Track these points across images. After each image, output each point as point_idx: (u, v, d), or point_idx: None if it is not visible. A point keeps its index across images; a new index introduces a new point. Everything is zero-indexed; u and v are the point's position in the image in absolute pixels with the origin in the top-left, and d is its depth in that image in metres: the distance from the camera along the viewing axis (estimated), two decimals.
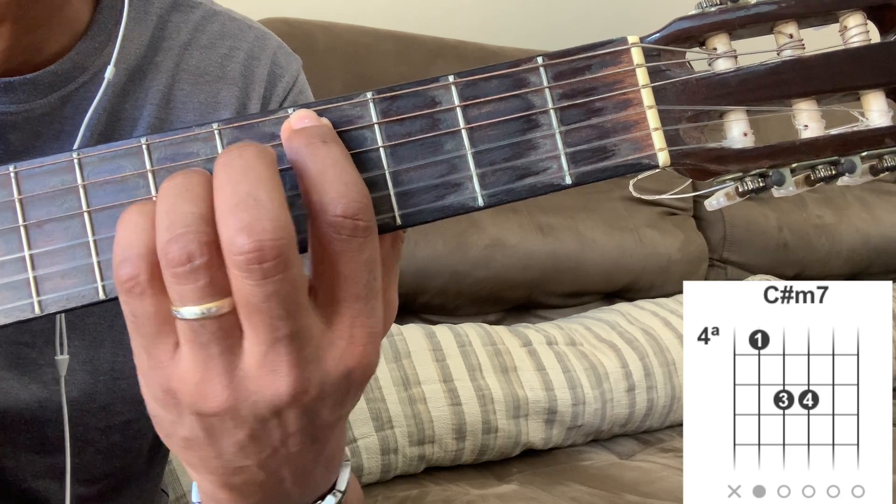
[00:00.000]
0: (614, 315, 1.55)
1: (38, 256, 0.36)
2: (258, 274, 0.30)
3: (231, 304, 0.31)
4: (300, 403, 0.33)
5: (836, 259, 1.93)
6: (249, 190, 0.30)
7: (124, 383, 0.55)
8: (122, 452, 0.58)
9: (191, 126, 0.36)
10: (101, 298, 0.36)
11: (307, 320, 0.32)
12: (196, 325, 0.31)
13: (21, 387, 0.51)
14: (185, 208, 0.31)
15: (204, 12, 0.59)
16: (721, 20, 0.36)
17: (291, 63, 0.62)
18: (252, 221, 0.30)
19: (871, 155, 0.36)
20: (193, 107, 0.56)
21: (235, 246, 0.30)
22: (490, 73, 0.36)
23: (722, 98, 0.35)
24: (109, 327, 0.54)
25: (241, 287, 0.30)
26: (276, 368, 0.32)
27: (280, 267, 0.30)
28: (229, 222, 0.30)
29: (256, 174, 0.31)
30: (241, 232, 0.30)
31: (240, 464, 0.35)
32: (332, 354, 0.33)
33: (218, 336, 0.31)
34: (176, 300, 0.31)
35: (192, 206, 0.31)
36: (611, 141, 0.35)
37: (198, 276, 0.30)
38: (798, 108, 0.36)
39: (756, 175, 0.36)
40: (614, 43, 0.36)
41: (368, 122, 0.36)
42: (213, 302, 0.31)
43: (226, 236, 0.30)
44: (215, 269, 0.30)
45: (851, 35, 0.36)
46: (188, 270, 0.30)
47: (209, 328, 0.31)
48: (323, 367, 0.33)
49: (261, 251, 0.29)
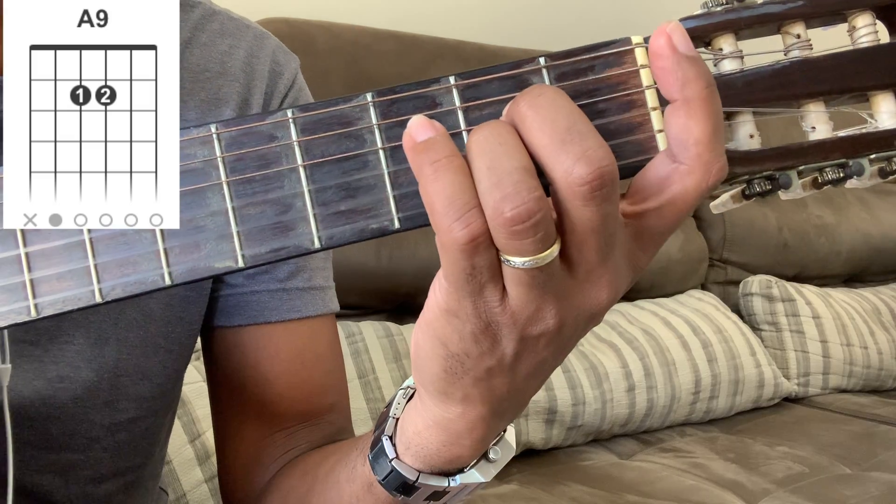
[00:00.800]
0: (614, 315, 1.54)
1: (34, 258, 0.35)
2: (599, 198, 0.31)
3: (559, 244, 0.32)
4: (609, 308, 0.35)
5: (836, 259, 1.93)
6: (569, 124, 0.31)
7: (127, 380, 0.55)
8: (131, 451, 0.58)
9: (189, 128, 0.36)
10: (97, 301, 0.35)
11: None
12: (533, 272, 0.32)
13: (24, 383, 0.51)
14: (507, 164, 0.31)
15: (203, 11, 0.60)
16: (727, 20, 0.35)
17: (290, 62, 0.63)
18: (585, 151, 0.31)
19: (879, 157, 0.35)
20: (195, 104, 0.56)
21: (576, 178, 0.31)
22: (492, 74, 0.35)
23: (728, 99, 0.35)
24: (114, 325, 0.54)
25: (579, 216, 0.32)
26: (600, 281, 0.34)
27: (615, 189, 0.31)
28: (562, 158, 0.31)
29: (567, 108, 0.32)
30: (579, 163, 0.31)
31: (524, 386, 0.38)
32: (632, 256, 0.35)
33: (550, 275, 0.33)
34: (511, 252, 0.32)
35: (514, 161, 0.31)
36: (614, 143, 0.34)
37: (537, 230, 0.31)
38: (806, 110, 0.35)
39: (763, 178, 0.35)
40: (618, 43, 0.35)
41: (368, 123, 0.35)
42: (547, 249, 0.32)
43: (561, 171, 0.31)
44: (548, 219, 0.31)
45: (860, 35, 0.35)
46: (528, 227, 0.31)
47: (545, 272, 0.32)
48: (624, 272, 0.35)
49: (601, 178, 0.31)
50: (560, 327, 0.34)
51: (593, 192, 0.31)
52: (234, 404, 0.62)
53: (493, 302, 0.34)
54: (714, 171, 0.32)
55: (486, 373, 0.36)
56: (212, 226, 0.35)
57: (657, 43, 0.33)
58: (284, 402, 0.60)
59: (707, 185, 0.32)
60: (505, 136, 0.32)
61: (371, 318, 1.36)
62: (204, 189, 0.35)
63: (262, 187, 0.35)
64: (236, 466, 0.62)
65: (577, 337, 0.37)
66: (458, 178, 0.32)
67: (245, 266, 0.36)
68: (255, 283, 0.59)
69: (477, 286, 0.33)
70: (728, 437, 1.48)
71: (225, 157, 0.35)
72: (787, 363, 1.70)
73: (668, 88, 0.33)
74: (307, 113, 0.35)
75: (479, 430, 0.39)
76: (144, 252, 0.35)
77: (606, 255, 0.33)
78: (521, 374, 0.37)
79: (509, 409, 0.39)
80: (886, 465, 1.34)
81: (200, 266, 0.36)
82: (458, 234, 0.32)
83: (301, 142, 0.35)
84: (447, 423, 0.39)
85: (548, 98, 0.32)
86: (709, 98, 0.32)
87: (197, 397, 1.07)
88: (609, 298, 0.35)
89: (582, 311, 0.35)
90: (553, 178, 0.31)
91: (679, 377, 1.48)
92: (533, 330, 0.34)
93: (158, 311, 0.56)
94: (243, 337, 0.60)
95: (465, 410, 0.38)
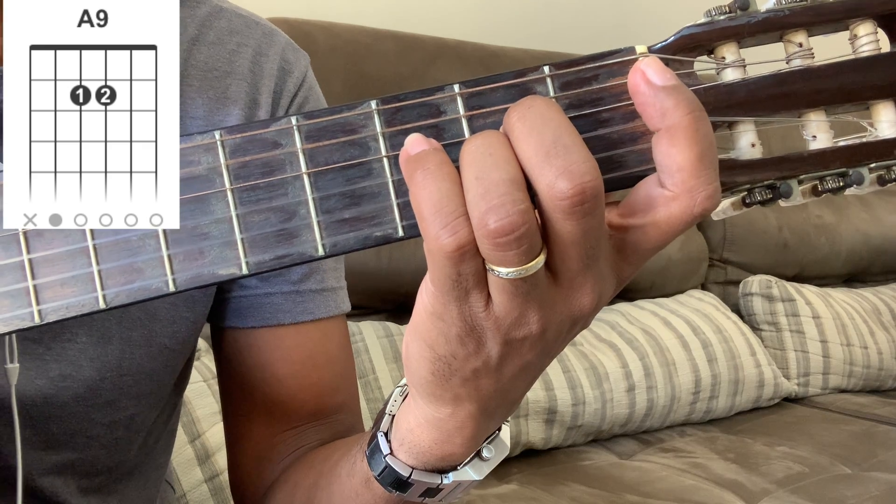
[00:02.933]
0: (614, 315, 1.54)
1: (37, 264, 0.35)
2: (581, 213, 0.31)
3: (544, 256, 0.33)
4: (593, 314, 0.36)
5: (836, 259, 1.93)
6: (555, 137, 0.32)
7: (130, 379, 0.55)
8: (126, 445, 0.58)
9: (192, 134, 0.36)
10: (101, 308, 0.35)
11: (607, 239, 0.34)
12: (517, 282, 0.33)
13: (27, 382, 0.51)
14: (495, 175, 0.32)
15: (210, 8, 0.59)
16: (730, 28, 0.35)
17: (300, 59, 0.62)
18: (568, 166, 0.31)
19: (879, 166, 0.35)
20: (202, 102, 0.56)
21: (558, 192, 0.31)
22: (496, 82, 0.35)
23: (730, 108, 0.35)
24: (118, 324, 0.54)
25: (561, 229, 0.32)
26: (583, 288, 0.34)
27: (599, 202, 0.31)
28: (545, 171, 0.31)
29: (555, 121, 0.32)
30: (561, 177, 0.31)
31: (510, 386, 0.38)
32: (616, 267, 0.35)
33: (534, 284, 0.33)
34: (496, 262, 0.32)
35: (502, 172, 0.32)
36: (618, 152, 0.35)
37: (520, 243, 0.31)
38: (807, 119, 0.35)
39: (764, 187, 0.35)
40: (622, 52, 0.35)
41: (372, 131, 0.35)
42: (531, 261, 0.32)
43: (544, 184, 0.31)
44: (534, 232, 0.32)
45: (861, 44, 0.35)
46: (512, 239, 0.31)
47: (528, 282, 0.33)
48: (609, 280, 0.35)
49: (583, 193, 0.31)
50: (543, 332, 0.35)
51: (574, 206, 0.31)
52: (244, 403, 0.62)
53: (477, 307, 0.34)
54: (700, 199, 0.32)
55: (472, 373, 0.37)
56: (216, 233, 0.35)
57: (633, 80, 0.34)
58: (295, 402, 0.60)
59: (693, 213, 0.32)
60: (495, 147, 0.32)
61: (371, 318, 1.36)
62: (208, 196, 0.36)
63: (267, 194, 0.35)
64: (246, 463, 0.62)
65: (563, 341, 0.37)
66: (446, 186, 0.32)
67: (249, 273, 0.36)
68: (268, 285, 0.59)
69: (462, 292, 0.33)
70: (728, 437, 1.48)
71: (229, 164, 0.35)
72: (787, 363, 1.71)
73: (650, 122, 0.33)
74: (312, 120, 0.35)
75: (469, 428, 0.39)
76: (148, 258, 0.36)
77: (589, 265, 0.33)
78: (507, 375, 0.37)
79: (499, 408, 0.40)
80: (886, 465, 1.34)
81: (204, 273, 0.36)
82: (444, 241, 0.32)
83: (305, 149, 0.35)
84: (438, 422, 0.39)
85: (537, 110, 0.32)
86: (691, 125, 0.32)
87: (197, 397, 1.07)
88: (592, 305, 0.35)
89: (565, 317, 0.35)
90: (537, 190, 0.32)
91: (679, 377, 1.48)
92: (516, 334, 0.35)
93: (163, 311, 0.56)
94: (256, 338, 0.60)
95: (455, 410, 0.38)
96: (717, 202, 0.33)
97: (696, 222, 0.33)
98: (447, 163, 0.33)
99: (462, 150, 0.33)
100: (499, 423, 0.42)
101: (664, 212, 0.33)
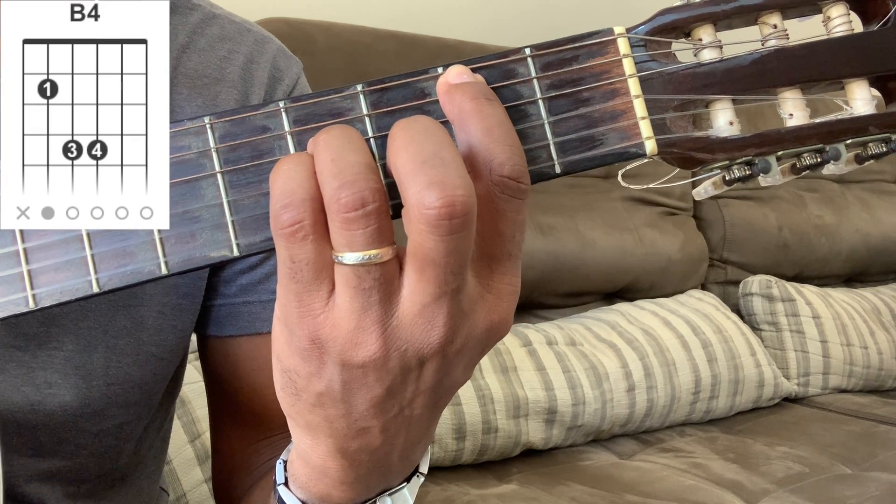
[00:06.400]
0: (614, 315, 1.55)
1: (31, 250, 0.36)
2: (445, 230, 0.30)
3: (393, 252, 0.32)
4: (444, 354, 0.33)
5: (836, 259, 1.93)
6: (435, 150, 0.31)
7: (118, 388, 0.54)
8: (115, 454, 0.58)
9: (182, 120, 0.37)
10: (94, 291, 0.36)
11: (469, 275, 0.33)
12: (361, 271, 0.31)
13: (13, 389, 0.50)
14: (351, 157, 0.31)
15: (202, 15, 0.59)
16: (706, 12, 0.36)
17: (291, 66, 0.62)
18: (442, 178, 0.30)
19: (855, 143, 0.36)
20: (192, 110, 0.55)
21: (425, 201, 0.30)
22: (478, 63, 0.36)
23: (708, 87, 0.36)
24: (104, 332, 0.53)
25: (422, 241, 0.31)
26: (433, 319, 0.32)
27: (466, 224, 0.30)
28: (418, 179, 0.30)
29: (438, 136, 0.32)
30: (432, 188, 0.30)
31: (365, 424, 0.36)
32: (482, 308, 0.34)
33: (379, 282, 0.32)
34: (342, 245, 0.31)
35: (359, 156, 0.32)
36: (598, 130, 0.35)
37: (369, 221, 0.31)
38: (783, 97, 0.36)
39: (742, 163, 0.36)
40: (601, 34, 0.36)
41: (359, 113, 0.36)
42: (379, 248, 0.31)
43: (413, 191, 0.30)
44: (384, 216, 0.31)
45: (835, 25, 0.36)
46: (361, 215, 0.31)
47: (372, 274, 0.32)
48: (471, 320, 0.33)
49: (451, 207, 0.30)
50: (385, 359, 0.33)
51: (440, 219, 0.30)
52: (224, 410, 0.62)
53: (317, 306, 0.33)
54: (495, 165, 0.32)
55: (317, 398, 0.35)
56: (207, 216, 0.36)
57: (437, 86, 0.36)
58: (270, 411, 0.59)
59: (500, 175, 0.32)
60: (353, 137, 0.33)
61: None
62: (199, 180, 0.36)
63: (256, 177, 0.36)
64: (225, 470, 0.62)
65: (414, 383, 0.35)
66: (295, 169, 0.32)
67: (240, 255, 0.36)
68: (247, 293, 0.59)
69: (302, 285, 0.33)
70: (728, 437, 1.48)
71: (219, 147, 0.36)
72: (787, 363, 1.71)
73: (450, 118, 0.35)
74: (299, 103, 0.36)
75: (333, 469, 0.37)
76: (141, 242, 0.36)
77: (447, 293, 0.32)
78: (359, 410, 0.35)
79: (367, 460, 0.37)
80: (886, 465, 1.34)
81: (196, 255, 0.36)
82: (281, 218, 0.32)
83: (293, 132, 0.36)
84: (305, 455, 0.38)
85: (422, 123, 0.32)
86: (475, 107, 0.33)
87: (197, 397, 1.07)
88: (440, 343, 0.33)
89: (409, 348, 0.33)
90: (405, 198, 0.31)
91: (679, 377, 1.48)
92: (354, 356, 0.33)
93: (150, 319, 0.55)
94: (234, 347, 0.60)
95: (314, 443, 0.37)
96: (522, 167, 0.32)
97: (520, 194, 0.32)
98: (304, 153, 0.33)
99: (317, 137, 0.33)
100: (379, 482, 0.39)
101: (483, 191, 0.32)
